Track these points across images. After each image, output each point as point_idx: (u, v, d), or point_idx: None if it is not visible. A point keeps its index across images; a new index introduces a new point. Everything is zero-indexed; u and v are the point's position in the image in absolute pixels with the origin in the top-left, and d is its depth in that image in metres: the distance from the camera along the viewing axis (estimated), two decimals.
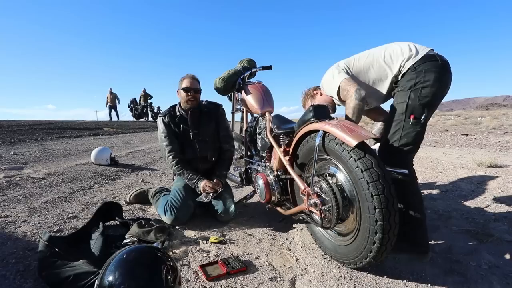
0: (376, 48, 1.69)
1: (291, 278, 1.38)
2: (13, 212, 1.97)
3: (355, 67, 1.67)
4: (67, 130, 7.35)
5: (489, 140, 7.03)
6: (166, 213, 1.92)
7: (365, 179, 1.21)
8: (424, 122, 1.49)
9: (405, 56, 1.53)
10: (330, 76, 1.71)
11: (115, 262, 0.98)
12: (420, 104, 1.47)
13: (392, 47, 1.61)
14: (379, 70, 1.61)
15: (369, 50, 1.70)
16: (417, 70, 1.48)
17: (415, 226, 1.50)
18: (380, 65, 1.60)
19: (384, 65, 1.59)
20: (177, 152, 2.12)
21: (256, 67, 2.50)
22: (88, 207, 2.21)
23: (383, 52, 1.61)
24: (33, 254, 1.41)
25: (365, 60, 1.65)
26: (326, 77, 1.77)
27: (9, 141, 5.17)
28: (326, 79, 1.76)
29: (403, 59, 1.53)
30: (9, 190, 2.47)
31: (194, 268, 1.42)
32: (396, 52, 1.58)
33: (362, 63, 1.66)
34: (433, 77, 1.46)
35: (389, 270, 1.42)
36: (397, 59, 1.56)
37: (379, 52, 1.63)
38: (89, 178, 3.07)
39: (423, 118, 1.47)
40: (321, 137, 1.43)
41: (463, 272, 1.42)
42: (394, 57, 1.57)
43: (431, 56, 1.50)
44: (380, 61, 1.60)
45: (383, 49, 1.63)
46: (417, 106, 1.47)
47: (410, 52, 1.53)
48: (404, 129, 1.49)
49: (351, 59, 1.71)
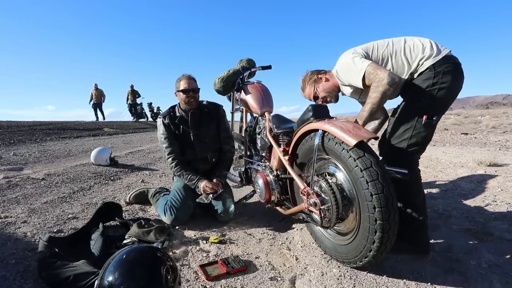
0: (395, 38, 1.60)
1: (291, 277, 1.38)
2: (13, 213, 1.97)
3: (373, 56, 1.57)
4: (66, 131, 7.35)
5: (489, 139, 7.03)
6: (166, 213, 1.92)
7: (364, 178, 1.21)
8: (435, 123, 1.47)
9: (426, 54, 1.47)
10: (349, 63, 1.57)
11: (115, 262, 0.98)
12: (435, 105, 1.45)
13: (413, 41, 1.54)
14: (397, 64, 1.53)
15: (387, 40, 1.61)
16: (436, 70, 1.44)
17: (417, 226, 1.50)
18: (399, 58, 1.52)
19: (403, 59, 1.51)
20: (176, 154, 2.12)
21: (256, 66, 2.50)
22: (88, 207, 2.21)
23: (403, 45, 1.54)
24: (33, 255, 1.41)
25: (384, 50, 1.56)
26: (344, 64, 1.62)
27: (8, 141, 5.17)
28: (345, 66, 1.61)
29: (423, 57, 1.47)
30: (9, 190, 2.47)
31: (194, 268, 1.43)
32: (417, 47, 1.51)
33: (381, 52, 1.56)
34: (451, 79, 1.44)
35: (389, 269, 1.42)
36: (416, 55, 1.49)
37: (399, 44, 1.55)
38: (88, 179, 3.07)
39: (435, 119, 1.46)
40: (320, 137, 1.43)
41: (463, 271, 1.42)
42: (414, 53, 1.50)
43: (450, 58, 1.47)
44: (400, 54, 1.52)
45: (402, 42, 1.55)
46: (431, 106, 1.45)
47: (431, 50, 1.47)
48: (415, 129, 1.46)
49: (369, 46, 1.61)
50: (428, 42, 1.52)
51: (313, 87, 1.84)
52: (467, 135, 8.08)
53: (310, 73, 1.86)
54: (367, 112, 1.46)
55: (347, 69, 1.60)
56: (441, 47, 1.51)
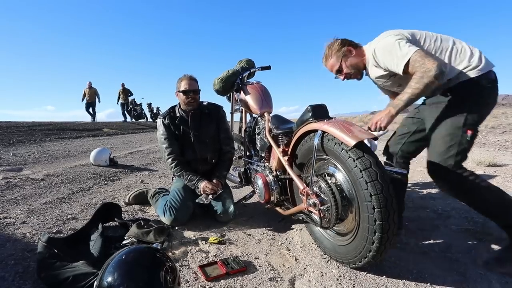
0: (443, 36, 1.50)
1: (290, 278, 1.38)
2: (12, 214, 1.97)
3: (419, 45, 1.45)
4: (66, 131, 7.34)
5: (488, 139, 7.04)
6: (165, 214, 1.92)
7: (364, 178, 1.21)
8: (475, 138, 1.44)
9: (473, 64, 1.40)
10: (393, 45, 1.42)
11: (114, 263, 0.98)
12: (478, 120, 1.41)
13: (462, 45, 1.45)
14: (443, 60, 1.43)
15: (435, 34, 1.50)
16: (481, 84, 1.39)
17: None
18: (444, 57, 1.43)
19: (447, 60, 1.42)
20: (176, 154, 2.11)
21: (255, 67, 2.50)
22: (87, 208, 2.21)
23: (451, 46, 1.45)
24: (32, 256, 1.40)
25: (431, 43, 1.45)
26: (386, 44, 1.47)
27: (8, 142, 5.16)
28: (387, 47, 1.46)
29: (468, 65, 1.40)
30: (8, 191, 2.47)
31: (194, 269, 1.42)
32: (465, 53, 1.43)
33: (427, 44, 1.46)
34: (494, 98, 1.44)
35: (388, 270, 1.42)
36: (462, 61, 1.42)
37: (447, 42, 1.46)
38: (88, 179, 3.07)
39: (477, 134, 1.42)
40: (319, 137, 1.43)
41: (462, 271, 1.42)
42: (460, 58, 1.42)
43: (494, 74, 1.44)
44: (445, 54, 1.43)
45: (450, 42, 1.46)
46: (476, 121, 1.40)
47: (479, 62, 1.40)
48: (460, 145, 1.40)
49: (416, 33, 1.49)
50: (477, 52, 1.44)
51: (340, 59, 1.67)
52: None
53: (340, 42, 1.67)
54: (403, 102, 1.38)
55: (388, 51, 1.45)
56: (488, 61, 1.44)
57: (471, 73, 1.40)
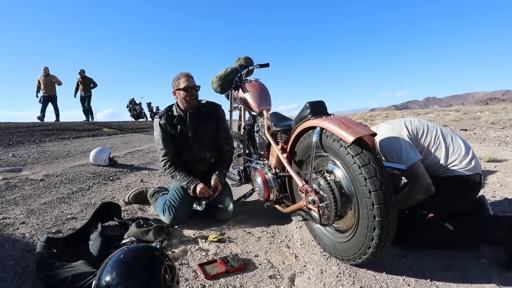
0: (443, 129, 1.65)
1: (290, 275, 1.38)
2: (11, 214, 1.97)
3: (421, 144, 1.60)
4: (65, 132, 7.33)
5: (488, 134, 7.03)
6: (165, 213, 1.92)
7: (362, 175, 1.20)
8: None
9: (463, 164, 1.54)
10: (398, 145, 1.55)
11: (113, 262, 0.98)
12: (445, 211, 1.56)
13: (458, 142, 1.60)
14: (434, 159, 1.58)
15: (436, 128, 1.64)
16: (462, 185, 1.54)
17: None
18: (442, 153, 1.57)
19: (443, 156, 1.57)
20: (171, 156, 2.08)
21: (253, 65, 2.48)
22: (86, 207, 2.21)
23: (450, 143, 1.59)
24: (31, 256, 1.40)
25: (432, 140, 1.60)
26: (391, 142, 1.59)
27: (7, 143, 5.15)
28: (392, 144, 1.58)
29: (458, 164, 1.54)
30: (7, 192, 2.46)
31: (193, 267, 1.42)
32: (460, 152, 1.57)
33: (428, 142, 1.60)
34: (467, 199, 1.61)
35: (388, 266, 1.42)
36: (454, 160, 1.56)
37: (446, 140, 1.60)
38: (87, 179, 3.06)
39: (438, 218, 1.55)
40: (318, 134, 1.42)
41: (463, 267, 1.41)
42: (453, 157, 1.56)
43: (479, 176, 1.57)
44: (443, 150, 1.57)
45: (449, 139, 1.60)
46: (440, 210, 1.55)
47: (469, 163, 1.54)
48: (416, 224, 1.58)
49: (419, 129, 1.63)
50: (471, 154, 1.58)
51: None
52: (466, 131, 8.07)
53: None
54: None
55: (393, 149, 1.57)
56: (478, 165, 1.57)
57: (458, 172, 1.54)
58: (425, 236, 1.54)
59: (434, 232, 1.53)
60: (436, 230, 1.52)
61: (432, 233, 1.53)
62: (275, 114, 2.08)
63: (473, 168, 1.54)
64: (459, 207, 1.59)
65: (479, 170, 1.56)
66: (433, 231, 1.53)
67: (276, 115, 2.05)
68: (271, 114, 2.07)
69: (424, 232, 1.54)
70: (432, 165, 1.57)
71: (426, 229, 1.54)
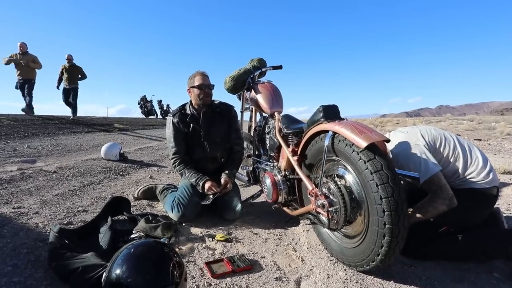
0: (461, 141, 1.61)
1: (296, 278, 1.37)
2: (26, 204, 2.02)
3: (439, 154, 1.55)
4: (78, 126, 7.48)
5: (503, 146, 6.84)
6: (173, 210, 1.94)
7: (374, 181, 1.19)
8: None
9: (480, 176, 1.49)
10: (416, 155, 1.50)
11: (123, 256, 0.99)
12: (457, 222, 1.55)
13: (476, 155, 1.55)
14: (450, 170, 1.54)
15: (454, 140, 1.60)
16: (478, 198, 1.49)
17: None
18: (460, 164, 1.53)
19: (461, 167, 1.53)
20: (181, 154, 2.12)
21: (266, 66, 2.49)
22: (97, 201, 2.25)
23: (468, 154, 1.55)
24: (44, 245, 1.43)
25: (451, 151, 1.55)
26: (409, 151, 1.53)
27: (23, 135, 5.29)
28: (410, 154, 1.52)
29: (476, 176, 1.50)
30: (22, 182, 2.53)
31: (200, 265, 1.43)
32: (477, 164, 1.53)
33: (446, 153, 1.55)
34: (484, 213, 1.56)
35: (396, 275, 1.40)
36: (472, 172, 1.52)
37: (464, 151, 1.55)
38: (98, 173, 3.12)
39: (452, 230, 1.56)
40: (330, 138, 1.42)
41: (474, 280, 1.38)
42: (471, 169, 1.52)
43: (496, 189, 1.53)
44: (461, 161, 1.53)
45: (467, 150, 1.56)
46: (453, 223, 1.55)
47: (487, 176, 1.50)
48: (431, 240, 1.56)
49: (436, 139, 1.58)
50: (489, 166, 1.53)
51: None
52: (480, 141, 7.88)
53: None
54: (413, 219, 1.48)
55: (410, 158, 1.51)
56: (496, 177, 1.52)
57: (476, 184, 1.49)
58: (443, 248, 1.50)
59: (452, 245, 1.49)
60: (454, 243, 1.48)
61: (449, 246, 1.49)
62: (286, 116, 2.07)
63: (490, 181, 1.49)
64: (474, 220, 1.55)
65: (496, 183, 1.51)
66: (451, 244, 1.49)
67: (288, 118, 2.05)
68: (283, 116, 2.07)
69: (442, 245, 1.50)
70: (449, 176, 1.53)
71: (443, 242, 1.51)
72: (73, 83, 7.83)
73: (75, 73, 7.81)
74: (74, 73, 7.79)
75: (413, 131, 1.64)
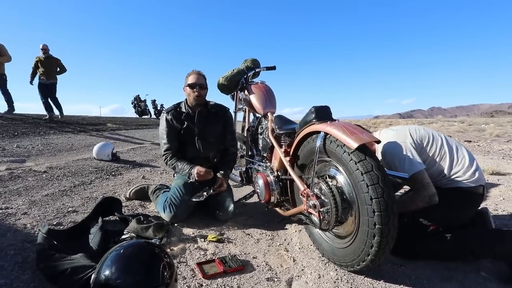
0: (449, 140, 1.64)
1: (287, 279, 1.38)
2: (14, 204, 1.98)
3: (425, 153, 1.58)
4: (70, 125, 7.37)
5: (492, 147, 6.98)
6: (165, 210, 1.93)
7: (365, 181, 1.20)
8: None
9: (466, 176, 1.52)
10: (401, 153, 1.52)
11: (112, 257, 0.98)
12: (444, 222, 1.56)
13: (463, 154, 1.58)
14: (437, 170, 1.57)
15: (443, 137, 1.63)
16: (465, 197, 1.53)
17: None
18: (446, 163, 1.56)
19: (447, 166, 1.55)
20: (173, 150, 2.11)
21: (260, 67, 2.50)
22: (88, 201, 2.22)
23: (455, 154, 1.58)
24: (32, 246, 1.41)
25: (437, 150, 1.58)
26: (395, 149, 1.56)
27: (12, 134, 5.19)
28: (395, 152, 1.55)
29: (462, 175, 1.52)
30: (11, 182, 2.48)
31: (191, 266, 1.42)
32: (463, 163, 1.55)
33: (433, 152, 1.58)
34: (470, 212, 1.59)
35: (386, 274, 1.41)
36: (458, 171, 1.54)
37: (451, 151, 1.58)
38: (90, 173, 3.08)
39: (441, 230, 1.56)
40: (322, 139, 1.43)
41: (461, 279, 1.41)
42: (457, 168, 1.54)
43: (483, 188, 1.56)
44: (447, 160, 1.56)
45: (454, 149, 1.59)
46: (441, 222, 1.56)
47: (473, 175, 1.52)
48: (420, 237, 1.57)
49: (424, 138, 1.61)
50: (475, 166, 1.55)
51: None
52: (470, 143, 8.03)
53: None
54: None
55: (396, 156, 1.54)
56: (482, 177, 1.55)
57: (461, 183, 1.52)
58: (433, 248, 1.52)
59: (441, 244, 1.51)
60: (443, 243, 1.51)
61: (438, 246, 1.51)
62: (279, 117, 2.08)
63: (476, 179, 1.52)
64: (461, 219, 1.58)
65: (482, 182, 1.55)
66: (440, 244, 1.51)
67: (281, 118, 2.05)
68: (276, 117, 2.07)
69: (431, 245, 1.53)
70: (435, 175, 1.56)
71: (432, 242, 1.53)
72: (51, 77, 6.63)
73: (53, 66, 6.63)
74: (52, 66, 6.60)
75: (402, 129, 1.69)
